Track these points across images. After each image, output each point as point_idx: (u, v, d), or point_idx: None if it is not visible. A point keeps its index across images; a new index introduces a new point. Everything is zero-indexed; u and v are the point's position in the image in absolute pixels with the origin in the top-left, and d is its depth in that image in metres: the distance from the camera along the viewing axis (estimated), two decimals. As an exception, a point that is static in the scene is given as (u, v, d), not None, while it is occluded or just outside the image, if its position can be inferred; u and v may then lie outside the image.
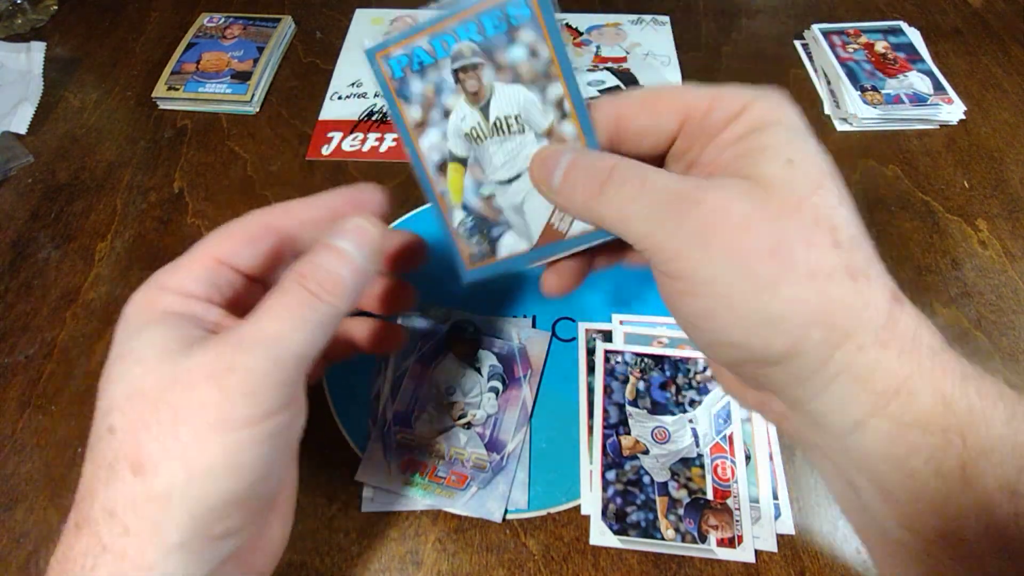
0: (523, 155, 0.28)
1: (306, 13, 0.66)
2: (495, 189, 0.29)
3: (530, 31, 0.26)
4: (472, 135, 0.28)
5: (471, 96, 0.28)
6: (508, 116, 0.28)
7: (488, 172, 0.28)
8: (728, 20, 0.66)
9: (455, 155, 0.28)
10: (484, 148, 0.28)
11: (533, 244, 0.29)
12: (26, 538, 0.35)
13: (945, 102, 0.55)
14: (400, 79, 0.27)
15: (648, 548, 0.35)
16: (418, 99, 0.28)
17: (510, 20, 0.26)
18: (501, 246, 0.29)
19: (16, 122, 0.55)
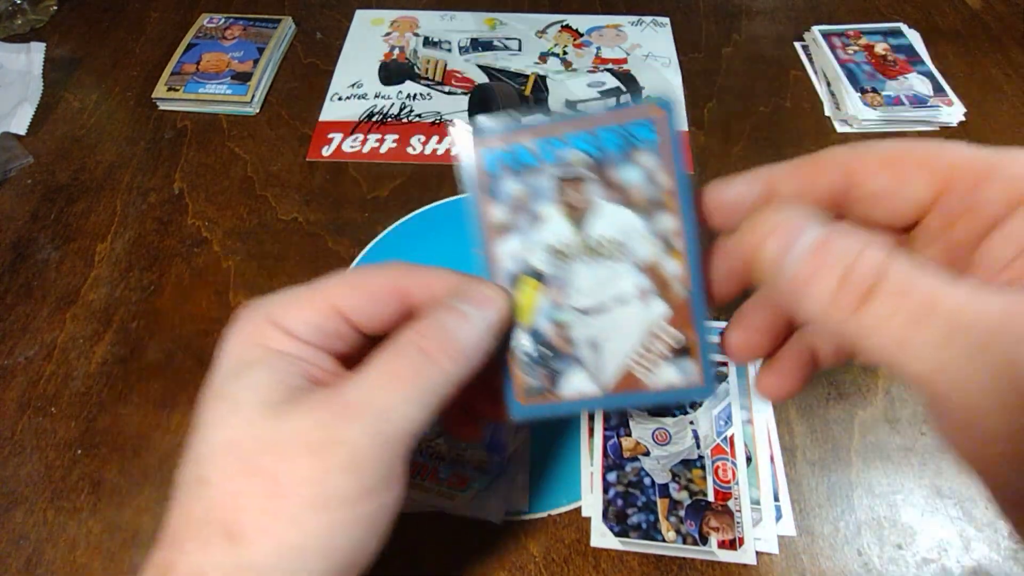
0: (614, 285, 0.25)
1: (306, 14, 0.66)
2: (573, 317, 0.25)
3: (651, 156, 0.24)
4: (560, 252, 0.25)
5: (570, 209, 0.25)
6: (607, 239, 0.25)
7: (570, 296, 0.25)
8: (728, 22, 0.66)
9: (534, 269, 0.25)
10: (571, 268, 0.25)
11: (605, 390, 0.25)
12: (26, 540, 0.35)
13: (945, 104, 0.55)
14: (493, 174, 0.25)
15: (649, 550, 0.34)
16: (507, 200, 0.25)
17: (632, 140, 0.24)
18: (565, 385, 0.25)
19: (16, 123, 0.55)
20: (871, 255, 0.17)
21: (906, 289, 0.16)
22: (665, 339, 0.25)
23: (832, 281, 0.17)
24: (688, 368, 0.25)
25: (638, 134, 0.24)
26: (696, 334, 0.25)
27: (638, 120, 0.24)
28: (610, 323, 0.25)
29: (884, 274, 0.16)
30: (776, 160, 0.53)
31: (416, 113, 0.57)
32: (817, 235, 0.17)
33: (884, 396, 0.40)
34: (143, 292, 0.45)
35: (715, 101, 0.58)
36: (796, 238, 0.18)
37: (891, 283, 0.16)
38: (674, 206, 0.24)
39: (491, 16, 0.66)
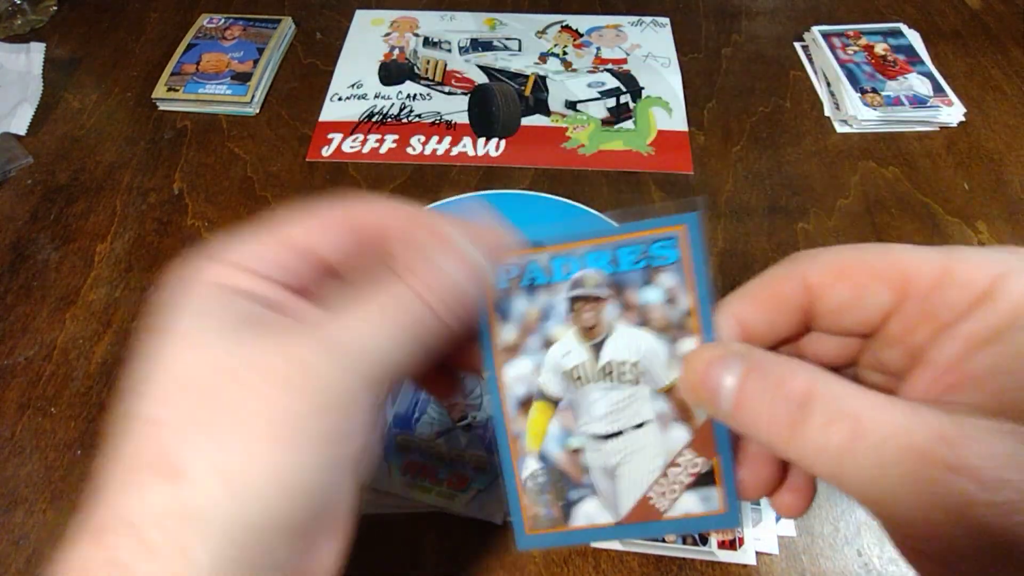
0: (631, 410, 0.23)
1: (306, 14, 0.66)
2: (587, 443, 0.24)
3: (673, 276, 0.22)
4: (573, 375, 0.24)
5: (584, 331, 0.24)
6: (624, 362, 0.23)
7: (584, 421, 0.24)
8: (728, 22, 0.66)
9: (545, 393, 0.24)
10: (585, 393, 0.24)
11: (620, 519, 0.23)
12: (26, 540, 0.35)
13: (945, 104, 0.55)
14: (503, 291, 0.23)
15: (649, 550, 0.34)
16: (518, 320, 0.24)
17: (652, 259, 0.23)
18: (577, 514, 0.24)
19: (16, 123, 0.55)
20: (798, 379, 0.17)
21: (834, 415, 0.16)
22: (686, 466, 0.23)
23: (763, 407, 0.17)
24: (710, 496, 0.23)
25: (659, 253, 0.23)
26: (720, 459, 0.23)
27: (661, 238, 0.23)
28: (627, 449, 0.24)
29: (812, 398, 0.17)
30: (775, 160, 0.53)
31: (416, 113, 0.57)
32: (743, 365, 0.18)
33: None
34: (143, 292, 0.45)
35: (715, 101, 0.58)
36: (727, 368, 0.18)
37: (820, 408, 0.17)
38: (696, 327, 0.22)
39: (491, 16, 0.66)
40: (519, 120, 0.56)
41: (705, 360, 0.19)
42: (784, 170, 0.52)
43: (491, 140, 0.54)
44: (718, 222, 0.49)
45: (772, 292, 0.20)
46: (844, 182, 0.52)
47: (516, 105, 0.57)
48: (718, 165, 0.53)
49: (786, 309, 0.20)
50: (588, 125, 0.56)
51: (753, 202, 0.50)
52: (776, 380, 0.18)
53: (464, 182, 0.52)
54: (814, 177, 0.52)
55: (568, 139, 0.55)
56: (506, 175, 0.52)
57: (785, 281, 0.20)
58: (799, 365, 0.18)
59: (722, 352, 0.19)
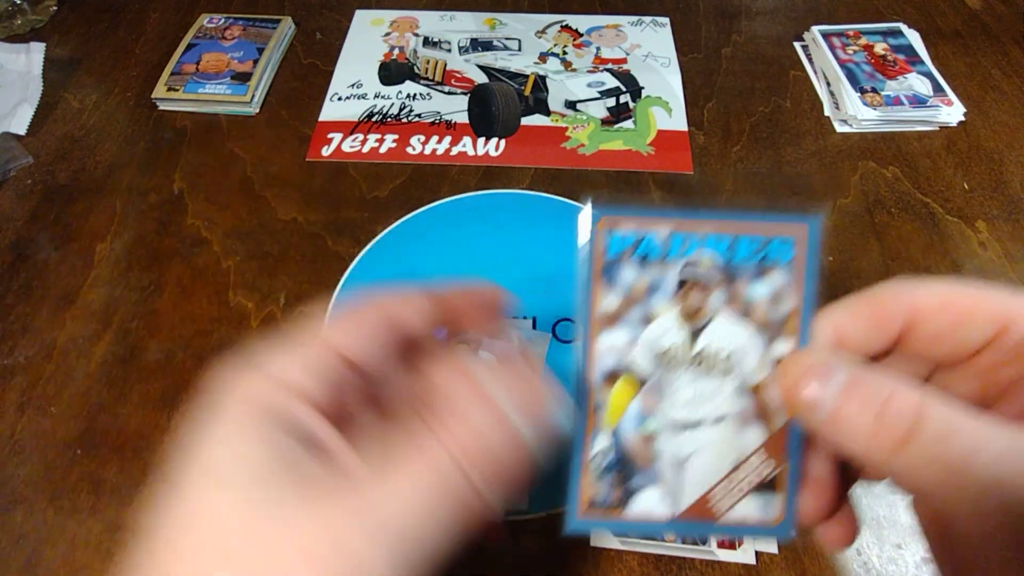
0: (715, 402, 0.23)
1: (306, 14, 0.66)
2: (663, 428, 0.23)
3: (783, 276, 0.23)
4: (667, 355, 0.23)
5: (687, 312, 0.23)
6: (718, 352, 0.23)
7: (666, 405, 0.23)
8: (728, 22, 0.66)
9: (634, 370, 0.23)
10: (674, 376, 0.23)
11: (676, 514, 0.23)
12: (25, 540, 0.35)
13: (945, 104, 0.55)
14: (613, 259, 0.23)
15: (649, 549, 0.34)
16: (623, 290, 0.23)
17: (768, 254, 0.23)
18: (636, 501, 0.23)
19: (16, 123, 0.55)
20: (905, 395, 0.17)
21: (944, 436, 0.17)
22: (754, 468, 0.23)
23: (868, 419, 0.18)
24: (771, 504, 0.23)
25: (776, 250, 0.23)
26: (787, 467, 0.23)
27: (780, 238, 0.23)
28: (702, 441, 0.23)
29: (923, 419, 0.17)
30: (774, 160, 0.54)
31: (416, 113, 0.57)
32: (848, 374, 0.18)
33: (884, 396, 0.40)
34: (143, 292, 0.45)
35: (715, 101, 0.58)
36: (829, 378, 0.18)
37: (930, 430, 0.17)
38: (794, 330, 0.22)
39: (491, 16, 0.66)
40: (519, 120, 0.56)
41: (806, 366, 0.19)
42: (784, 170, 0.52)
43: (491, 140, 0.54)
44: (718, 222, 0.49)
45: (877, 309, 0.21)
46: (844, 182, 0.52)
47: (516, 105, 0.57)
48: (718, 165, 0.53)
49: (886, 327, 0.21)
50: (588, 125, 0.56)
51: (753, 201, 0.50)
52: (883, 395, 0.18)
53: (464, 182, 0.52)
54: (814, 177, 0.52)
55: (568, 139, 0.55)
56: (506, 175, 0.52)
57: (892, 301, 0.21)
58: (907, 382, 0.18)
59: (825, 361, 0.19)
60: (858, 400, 0.18)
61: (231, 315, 0.44)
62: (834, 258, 0.47)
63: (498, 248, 0.47)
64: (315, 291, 0.45)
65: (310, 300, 0.44)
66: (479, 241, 0.47)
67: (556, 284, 0.45)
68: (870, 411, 0.18)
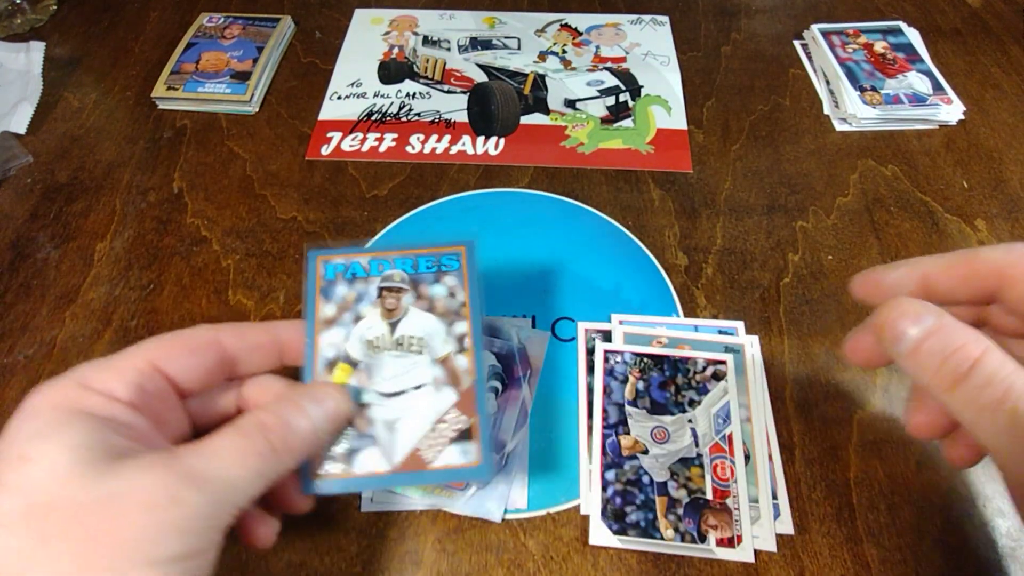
0: (413, 374, 0.30)
1: (305, 13, 0.66)
2: (375, 399, 0.30)
3: (454, 278, 0.32)
4: (373, 344, 0.31)
5: (386, 311, 0.31)
6: (412, 336, 0.31)
7: (375, 381, 0.30)
8: (727, 20, 0.66)
9: (349, 357, 0.30)
10: (380, 358, 0.30)
11: (394, 467, 0.29)
12: (25, 538, 0.35)
13: (944, 102, 0.55)
14: (329, 281, 0.32)
15: (647, 548, 0.35)
16: (338, 300, 0.31)
17: (441, 266, 0.32)
18: (358, 460, 0.29)
19: (15, 122, 0.55)
20: (972, 346, 0.21)
21: (989, 381, 0.20)
22: (451, 423, 0.30)
23: (936, 361, 0.22)
24: (469, 450, 0.29)
25: (447, 262, 0.32)
26: (478, 419, 0.29)
27: (448, 253, 0.32)
28: (407, 406, 0.30)
29: (977, 365, 0.21)
30: (774, 158, 0.54)
31: (415, 112, 0.57)
32: (932, 323, 0.22)
33: (883, 394, 0.40)
34: (142, 291, 0.45)
35: (714, 99, 0.58)
36: (919, 321, 0.22)
37: (979, 375, 0.21)
38: (467, 315, 0.31)
39: (490, 15, 0.66)
40: (518, 118, 0.56)
41: (901, 309, 0.23)
42: (783, 168, 0.52)
43: (490, 138, 0.54)
44: (717, 220, 0.49)
45: (966, 269, 0.24)
46: (843, 180, 0.52)
47: (515, 104, 0.57)
48: (717, 163, 0.53)
49: (976, 285, 0.24)
50: (587, 123, 0.56)
51: (752, 200, 0.50)
52: (955, 343, 0.21)
53: (463, 180, 0.52)
54: (813, 175, 0.52)
55: (567, 137, 0.55)
56: (505, 173, 0.52)
57: (980, 264, 0.24)
58: (978, 335, 0.21)
59: (921, 307, 0.23)
60: (934, 342, 0.22)
61: (231, 314, 0.44)
62: (833, 256, 0.47)
63: (497, 247, 0.47)
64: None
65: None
66: (479, 240, 0.47)
67: (555, 283, 0.45)
68: (940, 354, 0.21)
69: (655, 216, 0.49)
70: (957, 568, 0.34)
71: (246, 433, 0.24)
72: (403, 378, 0.30)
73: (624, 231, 0.48)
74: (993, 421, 0.20)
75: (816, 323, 0.43)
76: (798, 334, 0.43)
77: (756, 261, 0.47)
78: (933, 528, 0.35)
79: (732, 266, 0.46)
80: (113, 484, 0.20)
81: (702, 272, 0.46)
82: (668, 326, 0.42)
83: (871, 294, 0.26)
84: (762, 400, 0.39)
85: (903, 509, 0.36)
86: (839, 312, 0.44)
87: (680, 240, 0.48)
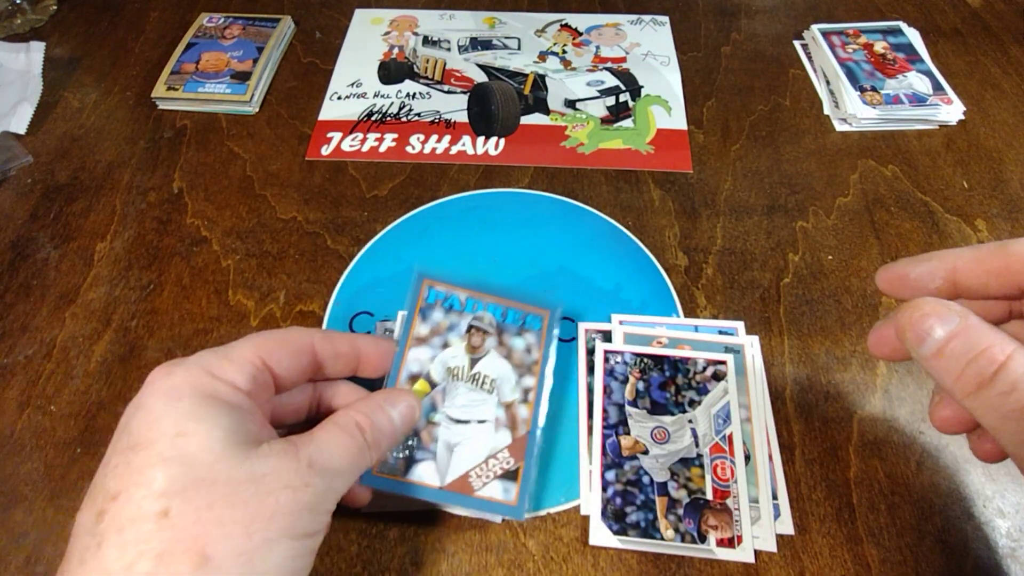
0: (481, 409, 0.35)
1: (305, 13, 0.66)
2: (443, 420, 0.34)
3: (534, 336, 0.36)
4: (453, 371, 0.35)
5: (471, 347, 0.36)
6: (487, 376, 0.35)
7: (447, 404, 0.35)
8: (727, 20, 0.66)
9: (430, 376, 0.35)
10: (455, 386, 0.35)
11: (443, 485, 0.33)
12: (25, 538, 0.35)
13: (944, 102, 0.55)
14: (429, 304, 0.36)
15: (648, 548, 0.35)
16: (432, 324, 0.36)
17: (525, 322, 0.36)
18: (415, 470, 0.33)
19: (15, 122, 0.55)
20: (997, 349, 0.20)
21: (1012, 387, 0.20)
22: (501, 461, 0.34)
23: (960, 364, 0.21)
24: (510, 489, 0.33)
25: (531, 321, 0.37)
26: (524, 465, 0.34)
27: (535, 313, 0.37)
28: (469, 435, 0.34)
29: (1001, 370, 0.20)
30: (774, 158, 0.54)
31: (415, 112, 0.57)
32: (956, 325, 0.21)
33: (883, 395, 0.40)
34: (142, 291, 0.45)
35: (714, 99, 0.58)
36: (944, 321, 0.22)
37: (1003, 379, 0.20)
38: (536, 372, 0.36)
39: (490, 15, 0.66)
40: (518, 119, 0.56)
41: (925, 310, 0.22)
42: (783, 168, 0.52)
43: (490, 139, 0.54)
44: (717, 220, 0.49)
45: (993, 264, 0.23)
46: (843, 180, 0.52)
47: (515, 104, 0.57)
48: (717, 163, 0.53)
49: (1006, 281, 0.23)
50: (587, 124, 0.56)
51: (752, 200, 0.50)
52: (981, 345, 0.21)
53: (463, 181, 0.52)
54: (813, 175, 0.52)
55: (567, 138, 0.55)
56: (505, 174, 0.52)
57: (1008, 260, 0.23)
58: (1004, 337, 0.21)
59: (945, 308, 0.22)
60: (958, 344, 0.21)
61: (231, 314, 0.44)
62: (833, 256, 0.47)
63: (497, 247, 0.47)
64: (314, 290, 0.45)
65: (309, 299, 0.44)
66: (478, 240, 0.47)
67: (555, 282, 0.45)
68: (965, 356, 0.21)
69: (655, 216, 0.49)
70: (957, 568, 0.34)
71: (347, 431, 0.27)
72: (472, 409, 0.34)
73: (624, 231, 0.48)
74: (1018, 429, 0.20)
75: (816, 323, 0.43)
76: (798, 334, 0.43)
77: (756, 261, 0.47)
78: (933, 528, 0.35)
79: (732, 266, 0.46)
80: (257, 466, 0.23)
81: (702, 272, 0.46)
82: (668, 326, 0.42)
83: (897, 288, 0.25)
84: (762, 400, 0.39)
85: (903, 509, 0.36)
86: (839, 312, 0.44)
87: (680, 240, 0.48)
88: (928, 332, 0.22)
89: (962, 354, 0.21)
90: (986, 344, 0.21)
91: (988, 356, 0.20)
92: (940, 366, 0.22)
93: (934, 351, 0.22)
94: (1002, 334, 0.21)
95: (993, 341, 0.21)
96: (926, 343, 0.22)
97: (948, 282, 0.24)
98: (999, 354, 0.20)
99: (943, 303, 0.22)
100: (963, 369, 0.21)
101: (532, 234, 0.48)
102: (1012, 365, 0.20)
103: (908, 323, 0.22)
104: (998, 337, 0.21)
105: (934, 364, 0.22)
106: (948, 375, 0.21)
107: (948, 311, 0.22)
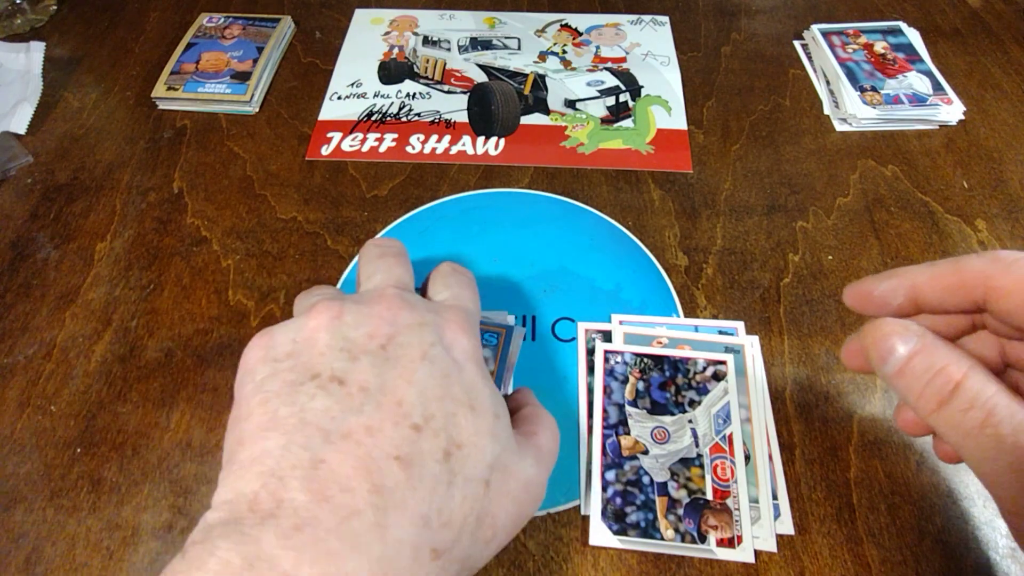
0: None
1: (306, 13, 0.66)
2: None
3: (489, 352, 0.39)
4: None
5: None
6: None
7: None
8: (727, 20, 0.66)
9: None
10: None
11: None
12: (25, 538, 0.35)
13: (944, 102, 0.55)
14: None
15: (648, 548, 0.35)
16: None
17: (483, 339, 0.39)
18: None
19: (15, 122, 0.55)
20: (953, 368, 0.21)
21: (971, 403, 0.20)
22: None
23: (921, 382, 0.22)
24: None
25: (488, 338, 0.40)
26: None
27: (492, 331, 0.40)
28: None
29: (958, 388, 0.21)
30: (774, 158, 0.54)
31: (415, 112, 0.57)
32: (915, 345, 0.22)
33: (883, 395, 0.40)
34: (142, 291, 0.45)
35: (714, 99, 0.58)
36: (905, 341, 0.22)
37: (961, 397, 0.21)
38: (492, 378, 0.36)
39: (490, 15, 0.66)
40: (518, 119, 0.56)
41: (887, 330, 0.23)
42: (783, 168, 0.52)
43: (490, 139, 0.54)
44: (717, 220, 0.49)
45: (952, 280, 0.24)
46: (843, 180, 0.52)
47: (515, 104, 0.57)
48: (717, 163, 0.53)
49: (964, 295, 0.23)
50: (587, 124, 0.56)
51: (752, 200, 0.50)
52: (939, 364, 0.21)
53: (463, 181, 0.52)
54: (813, 175, 0.52)
55: (567, 138, 0.55)
56: (505, 174, 0.52)
57: (966, 275, 0.23)
58: (960, 356, 0.22)
59: (903, 328, 0.23)
60: (919, 363, 0.22)
61: (231, 314, 0.44)
62: (833, 256, 0.47)
63: (497, 247, 0.47)
64: (314, 290, 0.45)
65: (309, 299, 0.44)
66: (478, 240, 0.47)
67: (555, 283, 0.45)
68: (925, 375, 0.22)
69: (655, 216, 0.49)
70: (957, 568, 0.34)
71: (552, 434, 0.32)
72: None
73: (624, 231, 0.48)
74: (978, 445, 0.20)
75: (816, 323, 0.43)
76: (798, 334, 0.43)
77: (756, 261, 0.46)
78: (933, 528, 0.35)
79: (732, 266, 0.46)
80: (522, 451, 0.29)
81: (702, 272, 0.46)
82: (668, 326, 0.42)
83: (863, 304, 0.26)
84: (762, 400, 0.39)
85: (903, 509, 0.36)
86: (839, 312, 0.44)
87: (680, 240, 0.48)
88: (890, 351, 0.22)
89: (922, 372, 0.22)
90: (943, 363, 0.21)
91: (945, 375, 0.21)
92: (903, 384, 0.22)
93: (896, 370, 0.22)
94: (959, 353, 0.22)
95: (950, 360, 0.21)
96: (888, 362, 0.23)
97: (909, 299, 0.24)
98: (955, 373, 0.21)
99: (903, 323, 0.23)
100: (923, 388, 0.22)
101: (532, 234, 0.48)
102: (968, 383, 0.21)
103: (871, 342, 0.23)
104: (955, 356, 0.22)
105: (898, 383, 0.23)
106: (911, 393, 0.22)
107: (907, 331, 0.23)
